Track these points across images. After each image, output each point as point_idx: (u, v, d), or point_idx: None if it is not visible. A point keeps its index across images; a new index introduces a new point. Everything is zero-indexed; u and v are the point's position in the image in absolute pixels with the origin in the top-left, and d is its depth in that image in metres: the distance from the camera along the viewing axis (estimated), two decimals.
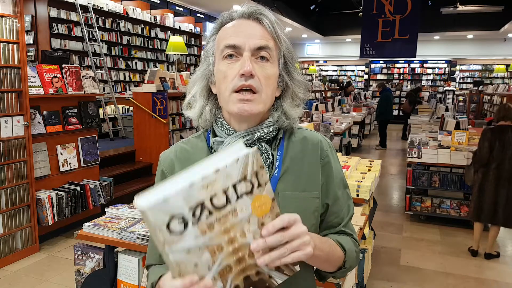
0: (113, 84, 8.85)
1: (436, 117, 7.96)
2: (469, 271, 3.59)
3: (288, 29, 14.21)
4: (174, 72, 7.60)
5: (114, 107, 7.74)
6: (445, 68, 18.27)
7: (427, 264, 3.73)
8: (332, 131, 6.28)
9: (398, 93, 15.54)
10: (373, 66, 19.24)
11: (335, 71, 20.34)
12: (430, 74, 18.52)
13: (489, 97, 12.33)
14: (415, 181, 4.72)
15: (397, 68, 18.90)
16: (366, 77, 19.52)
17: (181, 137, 6.23)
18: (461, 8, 12.54)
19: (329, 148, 1.00)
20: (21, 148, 3.62)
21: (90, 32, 7.91)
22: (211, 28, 0.98)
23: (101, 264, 2.06)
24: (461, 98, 12.81)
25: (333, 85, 15.61)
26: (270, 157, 0.92)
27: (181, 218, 0.61)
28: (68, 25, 7.85)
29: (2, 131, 3.45)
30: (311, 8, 16.20)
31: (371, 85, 18.33)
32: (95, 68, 7.78)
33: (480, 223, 3.83)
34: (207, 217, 0.64)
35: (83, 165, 4.41)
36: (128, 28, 9.55)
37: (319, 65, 20.47)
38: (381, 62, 18.96)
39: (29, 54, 7.03)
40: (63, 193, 3.97)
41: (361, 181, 2.78)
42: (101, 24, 8.67)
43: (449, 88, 14.56)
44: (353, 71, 20.04)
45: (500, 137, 3.67)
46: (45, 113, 3.95)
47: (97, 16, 8.49)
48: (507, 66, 16.15)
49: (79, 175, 4.38)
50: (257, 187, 0.68)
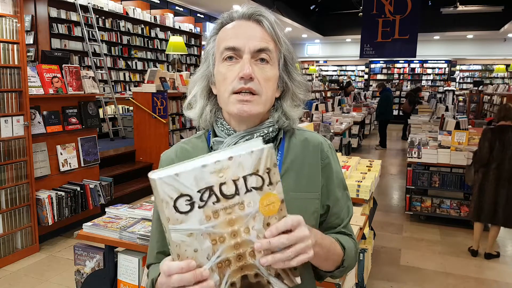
0: (113, 84, 8.85)
1: (436, 117, 7.96)
2: (469, 271, 3.60)
3: (288, 29, 14.21)
4: (174, 72, 7.60)
5: (114, 107, 7.75)
6: (445, 68, 18.28)
7: (427, 264, 3.73)
8: (332, 131, 6.27)
9: (398, 93, 15.55)
10: (373, 66, 19.24)
11: (335, 71, 20.34)
12: (430, 74, 18.53)
13: (489, 97, 12.33)
14: (415, 181, 4.72)
15: (397, 68, 18.91)
16: (366, 77, 19.53)
17: (181, 137, 6.23)
18: (461, 8, 12.55)
19: (329, 149, 1.00)
20: (21, 148, 3.62)
21: (90, 32, 7.91)
22: (211, 28, 0.98)
23: (101, 264, 2.06)
24: (461, 98, 12.81)
25: (333, 85, 15.62)
26: None
27: (189, 198, 0.62)
28: (68, 25, 7.85)
29: (2, 131, 3.45)
30: (311, 8, 16.20)
31: (371, 85, 18.33)
32: (95, 68, 7.78)
33: (480, 223, 3.83)
34: (214, 203, 0.64)
35: (83, 165, 4.41)
36: (128, 28, 9.55)
37: (319, 65, 20.47)
38: (381, 62, 18.96)
39: (29, 54, 7.03)
40: (63, 193, 3.97)
41: (361, 181, 2.78)
42: (101, 24, 8.67)
43: (449, 88, 14.56)
44: (353, 71, 20.04)
45: (500, 137, 3.67)
46: (45, 113, 3.95)
47: (97, 16, 8.49)
48: (507, 66, 16.16)
49: (79, 175, 4.38)
50: (268, 185, 0.68)
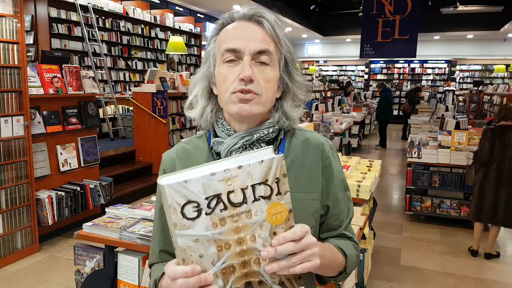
0: (113, 84, 8.85)
1: (436, 117, 7.96)
2: (469, 271, 3.60)
3: (288, 29, 14.21)
4: (174, 72, 7.60)
5: (114, 107, 7.75)
6: (445, 68, 18.28)
7: (427, 264, 3.73)
8: (332, 131, 6.27)
9: (398, 93, 15.55)
10: (373, 66, 19.24)
11: (335, 71, 20.34)
12: (430, 74, 18.52)
13: (489, 97, 12.34)
14: (415, 181, 4.72)
15: (397, 68, 18.91)
16: (366, 77, 19.52)
17: (181, 137, 6.24)
18: (461, 8, 12.54)
19: (330, 150, 1.00)
20: (21, 148, 3.62)
21: (90, 32, 7.91)
22: (211, 28, 0.98)
23: (101, 264, 2.06)
24: (461, 98, 12.81)
25: (333, 85, 15.62)
26: None
27: (196, 205, 0.63)
28: (68, 25, 7.85)
29: (2, 131, 3.45)
30: (311, 8, 16.20)
31: (371, 85, 18.33)
32: (95, 68, 7.78)
33: (480, 223, 3.83)
34: (221, 211, 0.65)
35: (83, 165, 4.40)
36: (128, 28, 9.55)
37: (319, 65, 20.47)
38: (381, 62, 18.96)
39: (29, 54, 7.03)
40: (63, 193, 3.97)
41: (361, 181, 2.78)
42: (101, 24, 8.67)
43: (449, 88, 14.56)
44: (353, 71, 20.04)
45: (500, 137, 3.67)
46: (45, 113, 3.95)
47: (97, 16, 8.49)
48: (507, 66, 16.16)
49: (79, 175, 4.38)
50: (276, 194, 0.68)
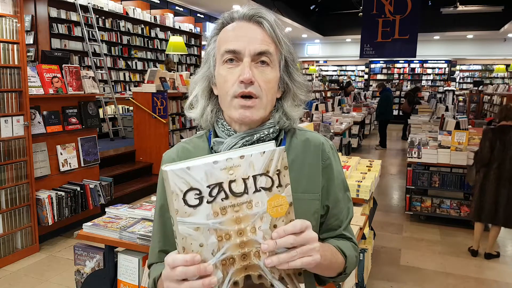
0: (113, 84, 8.85)
1: (436, 117, 7.95)
2: (469, 271, 3.60)
3: (288, 29, 14.21)
4: (173, 71, 7.60)
5: (114, 107, 7.75)
6: (445, 68, 18.27)
7: (427, 264, 3.73)
8: (332, 131, 6.27)
9: (398, 93, 15.55)
10: (373, 66, 19.24)
11: (335, 71, 20.34)
12: (430, 74, 18.52)
13: (489, 97, 12.34)
14: (415, 181, 4.72)
15: (397, 68, 18.90)
16: (366, 77, 19.52)
17: (181, 137, 6.24)
18: (461, 8, 12.54)
19: (331, 150, 1.00)
20: (21, 148, 3.62)
21: (90, 32, 7.91)
22: (211, 28, 0.98)
23: (101, 264, 2.06)
24: (461, 98, 12.81)
25: (333, 85, 15.62)
26: None
27: (198, 192, 0.64)
28: (68, 25, 7.85)
29: (2, 131, 3.45)
30: (311, 8, 16.19)
31: (371, 85, 18.33)
32: (95, 68, 7.78)
33: (480, 223, 3.83)
34: (223, 200, 0.65)
35: (83, 165, 4.40)
36: (128, 28, 9.55)
37: (319, 65, 20.47)
38: (381, 62, 18.96)
39: (29, 54, 7.03)
40: (63, 193, 3.97)
41: (361, 181, 2.78)
42: (101, 24, 8.67)
43: (449, 88, 14.56)
44: (353, 71, 20.04)
45: (501, 137, 3.67)
46: (45, 113, 3.95)
47: (97, 16, 8.49)
48: (507, 66, 16.16)
49: (79, 175, 4.38)
50: (277, 186, 0.68)
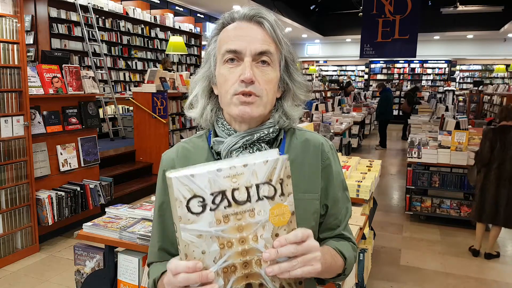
0: (113, 84, 8.85)
1: (436, 117, 7.96)
2: (469, 271, 3.60)
3: (288, 29, 14.21)
4: (172, 72, 7.60)
5: (114, 107, 7.75)
6: (445, 68, 18.28)
7: (427, 264, 3.73)
8: (332, 131, 6.27)
9: (398, 93, 15.55)
10: (373, 66, 19.24)
11: (335, 71, 20.34)
12: (430, 74, 18.52)
13: (489, 97, 12.34)
14: (415, 181, 4.72)
15: (397, 68, 18.90)
16: (366, 77, 19.52)
17: (181, 137, 6.24)
18: (461, 8, 12.54)
19: (330, 150, 1.00)
20: (21, 148, 3.62)
21: (90, 32, 7.91)
22: (211, 28, 0.98)
23: (101, 264, 2.06)
24: (461, 98, 12.81)
25: (333, 85, 15.61)
26: None
27: (202, 200, 0.64)
28: (68, 25, 7.85)
29: (2, 131, 3.45)
30: (311, 8, 16.19)
31: (371, 85, 18.33)
32: (95, 68, 7.78)
33: (482, 223, 3.83)
34: (225, 208, 0.66)
35: (83, 165, 4.40)
36: (128, 28, 9.55)
37: (319, 65, 20.47)
38: (381, 62, 18.96)
39: (29, 54, 7.03)
40: (63, 193, 3.97)
41: (361, 181, 2.78)
42: (101, 24, 8.67)
43: (449, 88, 14.56)
44: (353, 71, 20.04)
45: (501, 137, 3.67)
46: (45, 113, 3.95)
47: (97, 16, 8.49)
48: (507, 66, 16.16)
49: (79, 175, 4.38)
50: (280, 195, 0.69)
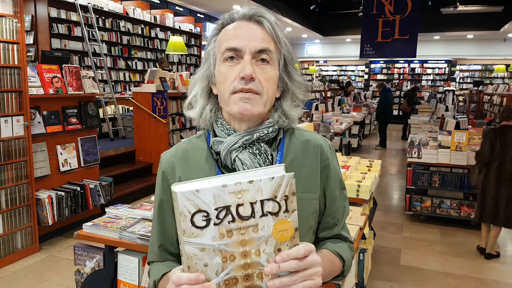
0: (113, 84, 8.85)
1: (436, 117, 7.96)
2: (469, 271, 3.60)
3: (288, 29, 14.20)
4: (174, 72, 7.60)
5: (114, 107, 7.75)
6: (445, 68, 18.27)
7: (427, 264, 3.73)
8: (332, 131, 6.27)
9: (398, 93, 15.55)
10: (373, 66, 19.24)
11: (335, 71, 20.34)
12: (430, 74, 18.52)
13: (489, 97, 12.34)
14: (415, 181, 4.72)
15: (397, 68, 18.90)
16: (366, 77, 19.52)
17: (181, 137, 6.24)
18: (461, 8, 12.54)
19: (329, 150, 1.01)
20: (21, 148, 3.62)
21: (90, 32, 7.91)
22: (211, 28, 0.98)
23: (101, 264, 2.06)
24: (461, 98, 12.81)
25: (333, 85, 15.61)
26: (269, 157, 0.92)
27: (206, 214, 0.65)
28: (68, 25, 7.85)
29: (2, 131, 3.45)
30: (311, 8, 16.20)
31: (371, 85, 18.33)
32: (95, 68, 7.78)
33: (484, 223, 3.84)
34: (229, 223, 0.66)
35: (83, 165, 4.40)
36: (128, 28, 9.55)
37: (319, 65, 20.46)
38: (381, 62, 18.96)
39: (29, 54, 7.03)
40: (63, 193, 3.97)
41: (361, 181, 2.78)
42: (101, 24, 8.67)
43: (449, 88, 14.55)
44: (353, 71, 20.03)
45: (501, 137, 3.67)
46: (45, 113, 3.95)
47: (97, 16, 8.48)
48: (507, 66, 16.15)
49: (79, 175, 4.38)
50: (284, 212, 0.69)
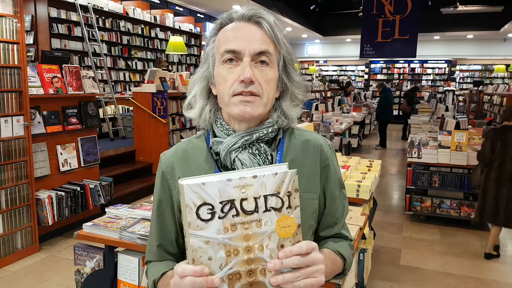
0: (113, 84, 8.85)
1: (436, 117, 7.96)
2: (469, 271, 3.60)
3: (288, 29, 14.20)
4: (173, 72, 7.60)
5: (114, 107, 7.75)
6: (445, 68, 18.26)
7: (427, 264, 3.73)
8: (332, 131, 6.27)
9: (398, 93, 15.55)
10: (373, 66, 19.23)
11: (335, 71, 20.33)
12: (430, 74, 18.51)
13: (489, 97, 12.34)
14: (415, 181, 4.72)
15: (397, 68, 18.89)
16: (366, 77, 19.51)
17: (181, 137, 6.24)
18: (461, 8, 12.54)
19: (329, 150, 1.01)
20: (21, 148, 3.62)
21: (90, 32, 7.91)
22: (211, 28, 0.98)
23: (101, 264, 2.06)
24: (461, 98, 12.81)
25: (333, 85, 15.61)
26: (269, 157, 0.92)
27: (211, 207, 0.67)
28: (68, 25, 7.85)
29: (2, 131, 3.45)
30: (311, 8, 16.19)
31: (371, 85, 18.32)
32: (95, 68, 7.78)
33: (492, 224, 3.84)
34: (233, 217, 0.68)
35: (83, 165, 4.41)
36: (128, 28, 9.55)
37: (319, 65, 20.46)
38: (381, 62, 18.95)
39: (29, 54, 7.03)
40: (63, 193, 3.97)
41: (361, 181, 2.78)
42: (101, 24, 8.67)
43: (449, 88, 14.55)
44: (353, 71, 20.03)
45: (501, 137, 3.67)
46: (45, 113, 3.95)
47: (97, 16, 8.48)
48: (507, 66, 16.15)
49: (79, 175, 4.38)
50: (287, 208, 0.71)
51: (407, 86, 17.02)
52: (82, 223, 2.19)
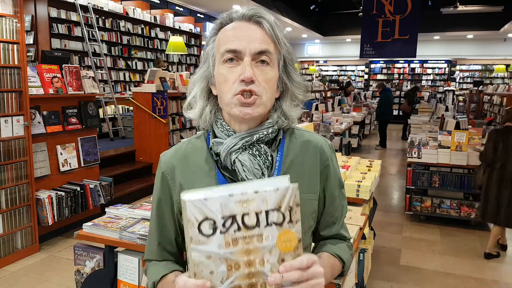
0: (113, 84, 8.85)
1: (436, 117, 7.96)
2: (469, 271, 3.60)
3: (288, 29, 14.20)
4: (173, 72, 7.60)
5: (114, 107, 7.75)
6: (445, 68, 18.27)
7: (427, 264, 3.73)
8: (332, 131, 6.27)
9: (398, 93, 15.55)
10: (373, 66, 19.24)
11: (335, 71, 20.33)
12: (430, 74, 18.52)
13: (489, 97, 12.34)
14: (415, 181, 4.72)
15: (397, 68, 18.89)
16: (366, 77, 19.52)
17: (181, 137, 6.24)
18: (461, 8, 12.54)
19: (330, 150, 1.02)
20: (21, 148, 3.62)
21: (90, 32, 7.91)
22: (211, 28, 0.98)
23: (101, 264, 2.06)
24: (461, 98, 12.81)
25: (333, 85, 15.61)
26: (269, 158, 0.92)
27: (213, 222, 0.67)
28: (68, 25, 7.85)
29: (2, 131, 3.45)
30: (311, 8, 16.20)
31: (371, 85, 18.32)
32: (95, 68, 7.78)
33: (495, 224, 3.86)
34: (235, 232, 0.68)
35: (83, 165, 4.40)
36: (128, 28, 9.55)
37: (319, 65, 20.46)
38: (381, 62, 18.95)
39: (29, 54, 7.03)
40: (63, 193, 3.97)
41: (361, 181, 2.78)
42: (101, 24, 8.67)
43: (449, 88, 14.55)
44: (353, 71, 20.03)
45: (504, 138, 3.68)
46: (45, 113, 3.95)
47: (97, 16, 8.48)
48: (507, 66, 16.15)
49: (79, 175, 4.38)
50: (288, 222, 0.71)
51: (407, 86, 17.02)
52: (82, 223, 2.19)
